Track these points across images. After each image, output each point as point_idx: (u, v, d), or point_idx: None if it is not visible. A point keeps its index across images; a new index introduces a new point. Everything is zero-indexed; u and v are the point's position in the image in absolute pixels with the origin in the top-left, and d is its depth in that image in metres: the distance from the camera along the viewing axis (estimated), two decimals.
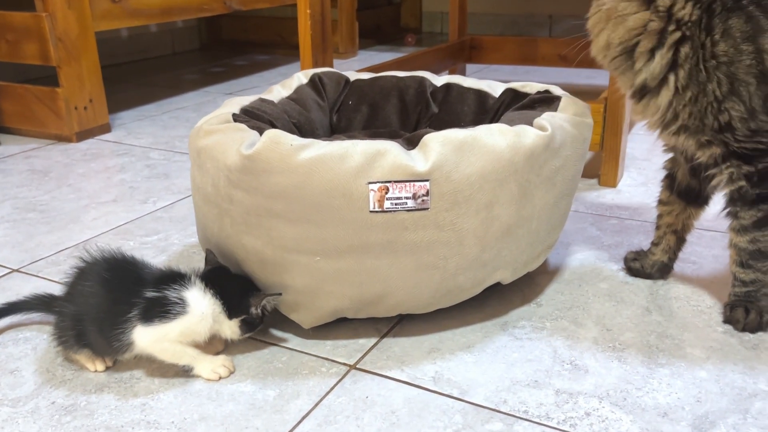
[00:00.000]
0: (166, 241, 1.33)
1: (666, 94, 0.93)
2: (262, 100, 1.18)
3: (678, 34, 0.90)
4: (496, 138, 0.91)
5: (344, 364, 0.94)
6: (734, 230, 0.98)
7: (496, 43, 2.60)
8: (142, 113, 2.38)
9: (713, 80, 0.90)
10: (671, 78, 0.92)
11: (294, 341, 0.99)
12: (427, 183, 0.86)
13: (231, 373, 0.92)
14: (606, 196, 1.54)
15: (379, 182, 0.86)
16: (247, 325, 0.92)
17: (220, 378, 0.91)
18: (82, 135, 2.03)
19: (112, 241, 1.34)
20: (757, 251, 0.96)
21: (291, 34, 3.63)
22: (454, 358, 0.94)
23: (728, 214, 0.98)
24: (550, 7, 3.76)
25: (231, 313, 0.90)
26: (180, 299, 0.87)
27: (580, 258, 1.24)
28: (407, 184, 0.86)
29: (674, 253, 1.14)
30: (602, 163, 1.59)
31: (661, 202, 1.13)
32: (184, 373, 0.91)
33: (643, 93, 0.95)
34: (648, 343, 0.97)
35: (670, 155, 1.10)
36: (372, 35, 3.86)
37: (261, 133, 0.94)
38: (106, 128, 2.11)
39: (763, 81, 0.89)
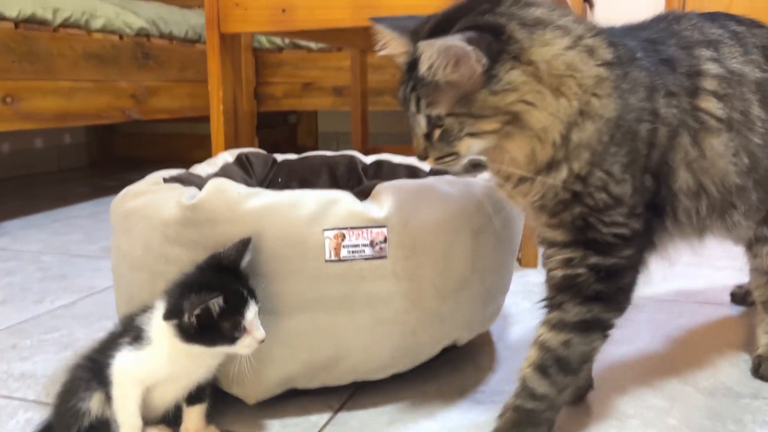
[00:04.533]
0: (69, 337, 1.18)
1: (580, 161, 0.74)
2: (189, 173, 1.11)
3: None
4: (446, 187, 0.89)
5: None
6: (549, 324, 0.78)
7: (399, 151, 2.68)
8: (29, 222, 2.19)
9: (624, 145, 0.75)
10: (587, 145, 0.74)
11: (236, 424, 0.87)
12: (384, 229, 0.82)
13: None
14: (529, 275, 1.55)
15: (335, 229, 0.81)
16: (183, 333, 0.74)
17: None
18: None
19: (4, 340, 1.17)
20: (565, 359, 0.77)
21: (188, 150, 3.58)
22: (419, 427, 0.86)
23: (549, 303, 0.79)
24: None
25: (165, 314, 0.75)
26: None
27: (520, 327, 1.21)
28: (364, 230, 0.82)
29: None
30: (522, 245, 1.62)
31: None
32: None
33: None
34: (615, 397, 0.94)
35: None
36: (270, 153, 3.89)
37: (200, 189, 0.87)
38: None
39: (649, 152, 0.76)
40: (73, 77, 2.19)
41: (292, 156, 1.32)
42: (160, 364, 0.77)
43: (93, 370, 0.80)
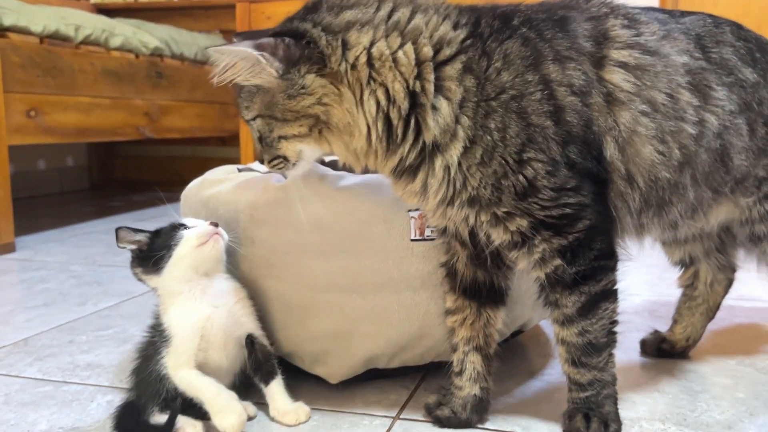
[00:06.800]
0: (125, 333, 1.18)
1: (457, 147, 0.72)
2: (249, 168, 1.13)
3: (458, 63, 0.72)
4: None
5: (385, 416, 0.84)
6: (558, 322, 0.77)
7: None
8: (46, 237, 2.18)
9: (510, 124, 0.71)
10: (459, 127, 0.72)
11: (320, 401, 0.88)
12: None
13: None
14: None
15: (419, 209, 0.84)
16: (146, 264, 0.84)
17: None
18: None
19: (59, 336, 1.17)
20: (589, 344, 0.76)
21: (190, 173, 3.58)
22: (498, 403, 0.88)
23: (547, 303, 0.77)
24: None
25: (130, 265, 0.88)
26: None
27: None
28: None
29: (485, 379, 0.84)
30: None
31: (449, 312, 0.84)
32: None
33: (422, 160, 0.74)
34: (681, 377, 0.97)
35: (443, 242, 0.84)
36: None
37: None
38: (10, 247, 1.91)
39: (558, 121, 0.72)
40: (93, 93, 2.21)
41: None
42: (187, 336, 0.80)
43: (162, 335, 0.82)
